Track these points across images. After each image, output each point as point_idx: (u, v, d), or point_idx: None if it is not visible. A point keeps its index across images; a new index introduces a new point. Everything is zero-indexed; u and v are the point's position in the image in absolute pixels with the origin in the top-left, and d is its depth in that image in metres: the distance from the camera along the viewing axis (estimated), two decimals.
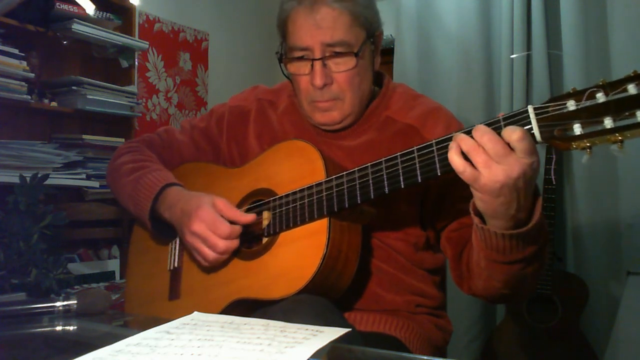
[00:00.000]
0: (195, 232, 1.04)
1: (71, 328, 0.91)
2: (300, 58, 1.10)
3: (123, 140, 2.44)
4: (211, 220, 1.03)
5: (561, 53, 2.44)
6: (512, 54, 2.52)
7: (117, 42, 2.41)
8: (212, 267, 1.11)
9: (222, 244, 1.03)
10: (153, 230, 1.17)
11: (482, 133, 0.80)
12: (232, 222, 1.05)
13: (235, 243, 1.05)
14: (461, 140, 0.82)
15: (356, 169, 0.98)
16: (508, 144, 0.79)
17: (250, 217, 1.05)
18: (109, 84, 2.39)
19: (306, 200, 1.02)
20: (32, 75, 2.06)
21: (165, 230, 1.16)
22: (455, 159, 0.82)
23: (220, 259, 1.06)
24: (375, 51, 1.16)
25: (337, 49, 1.07)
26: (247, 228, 1.07)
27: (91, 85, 2.29)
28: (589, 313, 2.28)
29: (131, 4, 2.54)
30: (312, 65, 1.08)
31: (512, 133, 0.78)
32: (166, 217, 1.13)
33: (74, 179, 2.21)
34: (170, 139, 1.34)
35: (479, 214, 0.89)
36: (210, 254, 1.04)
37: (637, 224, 2.27)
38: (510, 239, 0.86)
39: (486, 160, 0.79)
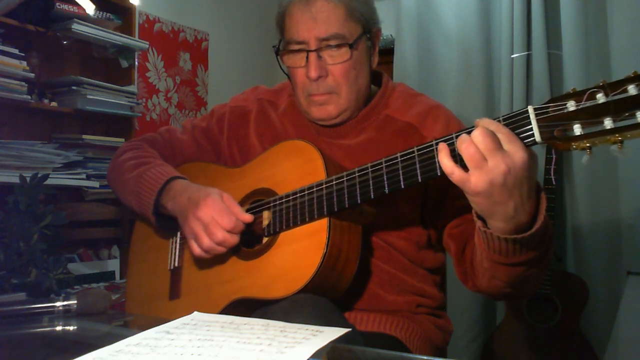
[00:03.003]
0: (200, 217, 1.04)
1: (71, 328, 0.91)
2: (296, 51, 1.11)
3: (123, 140, 2.44)
4: (218, 209, 1.03)
5: (561, 53, 2.44)
6: (513, 54, 2.52)
7: (117, 42, 2.41)
8: (212, 267, 1.11)
9: (220, 234, 1.02)
10: (156, 223, 1.17)
11: (475, 130, 0.80)
12: None
13: (235, 239, 1.04)
14: (459, 140, 0.81)
15: (356, 169, 0.98)
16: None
17: (248, 217, 1.05)
18: (109, 84, 2.39)
19: (306, 200, 1.02)
20: (32, 75, 2.06)
21: (168, 224, 1.16)
22: (444, 162, 0.82)
23: (213, 250, 1.04)
24: (372, 48, 1.16)
25: (332, 42, 1.08)
26: (247, 227, 1.07)
27: (91, 85, 2.29)
28: (589, 313, 2.28)
29: (131, 4, 2.54)
30: (307, 58, 1.09)
31: (490, 124, 0.79)
32: (169, 208, 1.13)
33: (74, 179, 2.21)
34: (172, 138, 1.34)
35: (481, 217, 0.88)
36: (206, 242, 1.03)
37: (638, 224, 2.27)
38: (513, 242, 0.86)
39: (474, 157, 0.78)
